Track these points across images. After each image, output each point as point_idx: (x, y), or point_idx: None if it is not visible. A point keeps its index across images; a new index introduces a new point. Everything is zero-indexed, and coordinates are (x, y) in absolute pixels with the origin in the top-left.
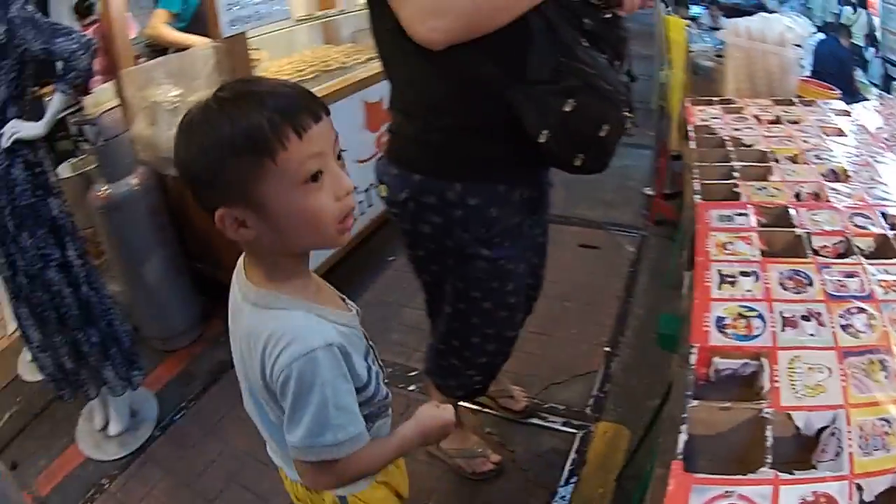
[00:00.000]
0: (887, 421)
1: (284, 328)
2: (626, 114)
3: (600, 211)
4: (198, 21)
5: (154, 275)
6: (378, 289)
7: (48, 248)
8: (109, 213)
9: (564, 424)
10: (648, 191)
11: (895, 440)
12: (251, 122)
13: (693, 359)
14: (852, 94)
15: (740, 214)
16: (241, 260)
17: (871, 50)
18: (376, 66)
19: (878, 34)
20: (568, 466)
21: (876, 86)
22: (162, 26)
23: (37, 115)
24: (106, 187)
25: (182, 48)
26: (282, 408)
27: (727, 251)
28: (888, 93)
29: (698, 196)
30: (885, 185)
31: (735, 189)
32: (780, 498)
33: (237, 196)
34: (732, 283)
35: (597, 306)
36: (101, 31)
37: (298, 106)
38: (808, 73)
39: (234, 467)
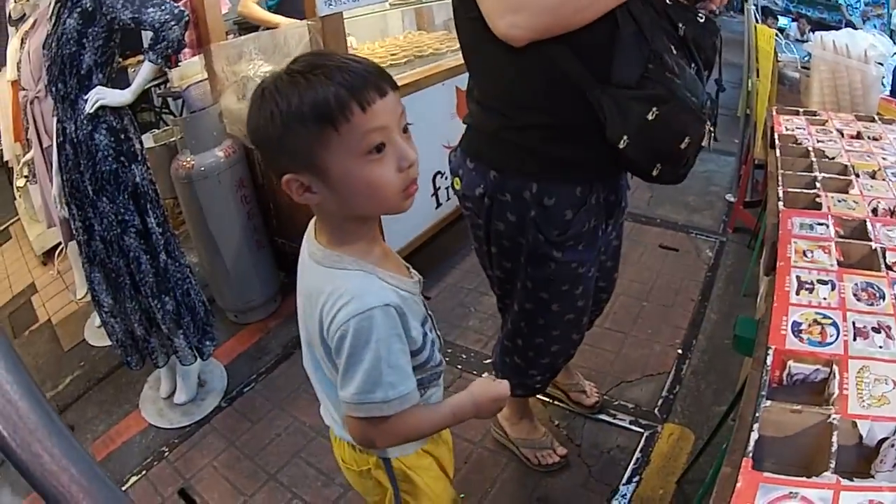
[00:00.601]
0: None
1: (344, 286)
2: (709, 128)
3: (682, 214)
4: (286, 2)
5: (234, 247)
6: (459, 274)
7: (128, 214)
8: (193, 184)
9: (632, 423)
10: (730, 197)
11: None
12: (318, 94)
13: (769, 360)
14: None
15: (821, 224)
16: (312, 222)
17: None
18: None
19: None
20: (631, 465)
21: None
22: (253, 5)
23: (121, 85)
24: (190, 158)
25: (271, 27)
26: (336, 364)
27: (807, 259)
28: None
29: (781, 203)
30: None
31: (818, 199)
32: (840, 502)
33: (302, 162)
34: (810, 290)
35: (673, 308)
36: (192, 4)
37: (364, 81)
38: (887, 92)
39: (300, 443)
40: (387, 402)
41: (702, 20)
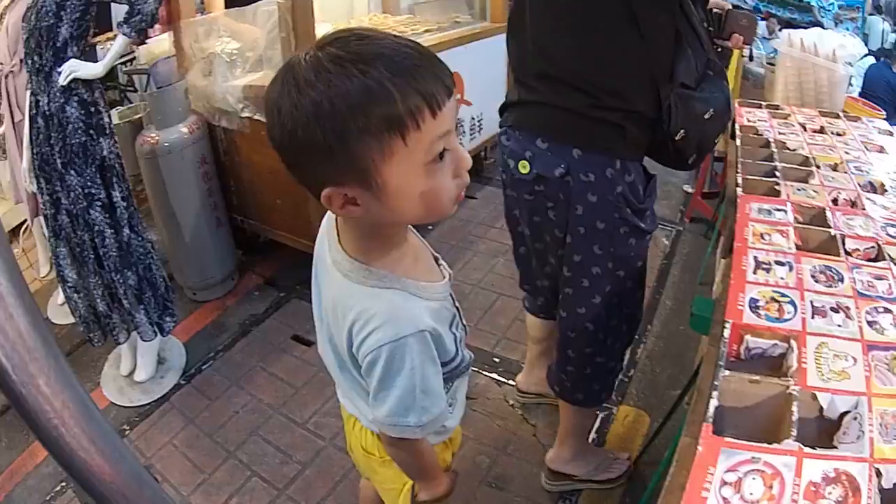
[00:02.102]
0: None
1: (376, 308)
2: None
3: None
4: None
5: (194, 224)
6: (468, 269)
7: (94, 187)
8: (157, 159)
9: None
10: (688, 188)
11: None
12: (383, 96)
13: (726, 333)
14: None
15: (779, 210)
16: (330, 220)
17: None
18: (433, 39)
19: None
20: None
21: None
22: (219, 4)
23: (91, 60)
24: (155, 134)
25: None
26: (366, 379)
27: (764, 241)
28: None
29: (740, 189)
30: None
31: (776, 187)
32: (803, 469)
33: (353, 175)
34: (767, 270)
35: None
36: None
37: (434, 78)
38: (857, 93)
39: (258, 420)
40: (420, 426)
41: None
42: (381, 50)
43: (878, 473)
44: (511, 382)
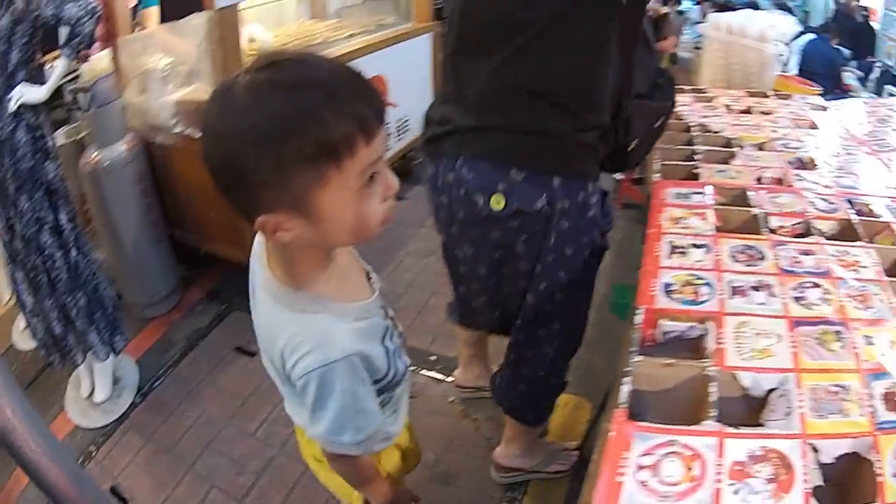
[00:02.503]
0: (843, 388)
1: (304, 334)
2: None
3: None
4: None
5: (136, 241)
6: (400, 270)
7: (43, 211)
8: (99, 179)
9: None
10: (618, 175)
11: (853, 407)
12: (318, 122)
13: (638, 319)
14: (839, 92)
15: (697, 193)
16: (259, 242)
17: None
18: (358, 43)
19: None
20: None
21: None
22: (153, 23)
23: (39, 81)
24: (96, 153)
25: None
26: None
27: (680, 225)
28: (879, 95)
29: (657, 175)
30: (855, 175)
31: (695, 171)
32: (725, 450)
33: (287, 202)
34: (683, 254)
35: None
36: None
37: (367, 104)
38: (795, 72)
39: (211, 433)
40: (356, 443)
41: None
42: (316, 75)
43: (815, 449)
44: (449, 379)
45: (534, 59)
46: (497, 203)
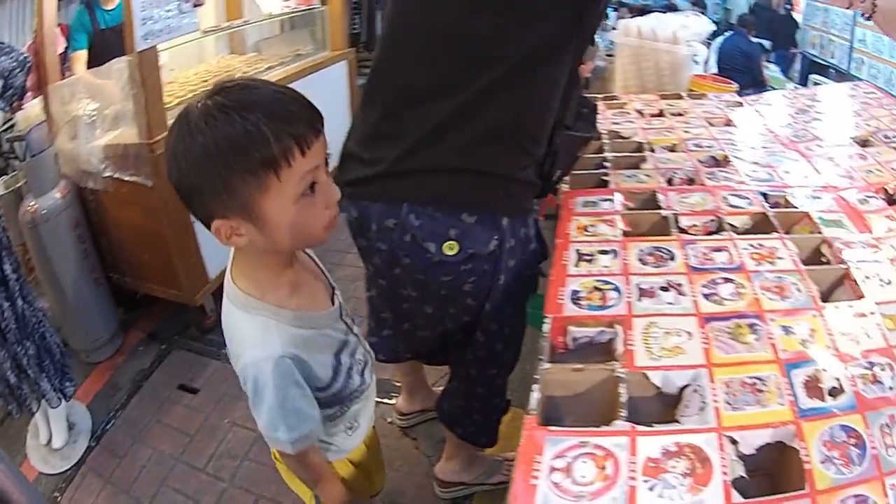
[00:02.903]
0: (759, 378)
1: (246, 333)
2: None
3: None
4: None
5: (76, 287)
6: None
7: None
8: (37, 228)
9: None
10: None
11: (772, 397)
12: (258, 139)
13: (546, 328)
14: (759, 87)
15: (606, 200)
16: (230, 257)
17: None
18: (276, 74)
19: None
20: None
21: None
22: (82, 67)
23: None
24: (34, 202)
25: None
26: None
27: (588, 233)
28: (805, 86)
29: (566, 186)
30: (772, 168)
31: (604, 178)
32: (638, 448)
33: (236, 209)
34: (590, 261)
35: None
36: (34, 48)
37: (303, 120)
38: (714, 70)
39: (164, 471)
40: (291, 441)
41: None
42: (258, 98)
43: (734, 441)
44: (387, 401)
45: (499, 98)
46: (450, 249)
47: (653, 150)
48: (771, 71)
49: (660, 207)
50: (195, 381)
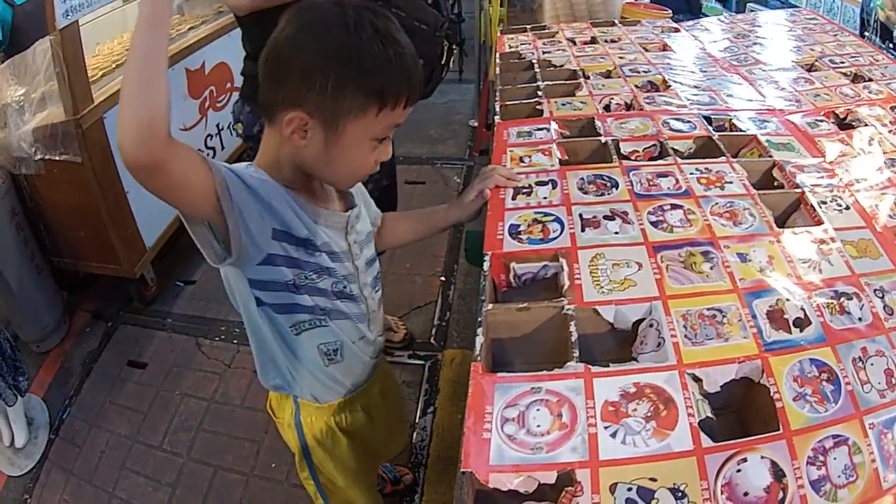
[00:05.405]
0: (719, 310)
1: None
2: (449, 46)
3: (425, 147)
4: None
5: (20, 277)
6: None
7: None
8: None
9: (411, 357)
10: (473, 122)
11: (733, 329)
12: (390, 72)
13: (486, 266)
14: (694, 14)
15: (541, 129)
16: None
17: None
18: (201, 33)
19: None
20: (422, 397)
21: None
22: None
23: None
24: None
25: None
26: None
27: (524, 164)
28: (742, 13)
29: (498, 117)
30: (713, 91)
31: (538, 107)
32: (594, 391)
33: (326, 113)
34: (528, 193)
35: (427, 240)
36: None
37: (419, 82)
38: None
39: (122, 454)
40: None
41: None
42: (402, 39)
43: (696, 378)
44: None
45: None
46: (239, 129)
47: (587, 77)
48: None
49: (598, 134)
50: (143, 355)
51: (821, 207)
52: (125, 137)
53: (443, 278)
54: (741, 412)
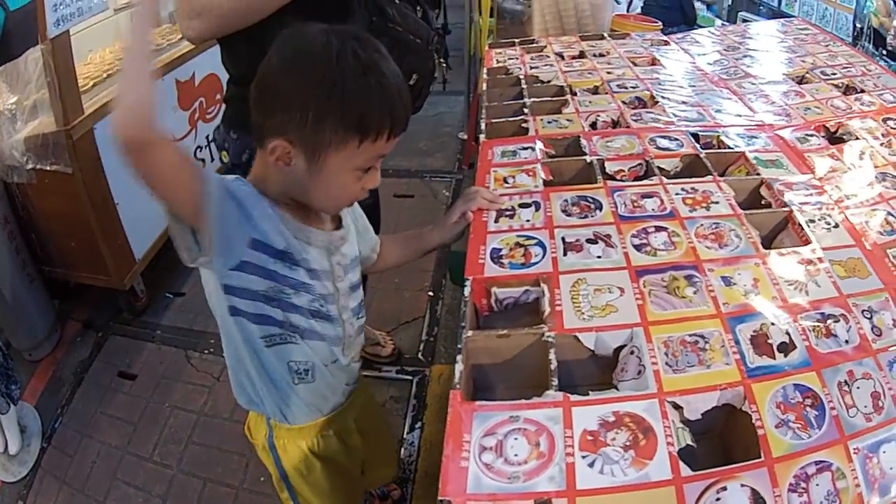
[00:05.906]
0: (701, 336)
1: None
2: (439, 61)
3: (415, 160)
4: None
5: (12, 286)
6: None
7: None
8: None
9: (399, 372)
10: (462, 135)
11: (716, 356)
12: (372, 104)
13: (467, 291)
14: (690, 25)
15: (525, 148)
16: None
17: None
18: (190, 45)
19: None
20: (410, 413)
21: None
22: None
23: None
24: None
25: None
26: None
27: (507, 185)
28: (734, 23)
29: (483, 135)
30: (701, 107)
31: (524, 125)
32: (573, 420)
33: (307, 143)
34: (511, 216)
35: None
36: None
37: (405, 112)
38: (638, 10)
39: (113, 464)
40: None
41: None
42: (386, 69)
43: (677, 406)
44: None
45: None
46: (224, 157)
47: (574, 94)
48: (698, 9)
49: (584, 153)
50: (133, 366)
51: (809, 226)
52: (117, 116)
53: (431, 293)
54: (724, 436)
